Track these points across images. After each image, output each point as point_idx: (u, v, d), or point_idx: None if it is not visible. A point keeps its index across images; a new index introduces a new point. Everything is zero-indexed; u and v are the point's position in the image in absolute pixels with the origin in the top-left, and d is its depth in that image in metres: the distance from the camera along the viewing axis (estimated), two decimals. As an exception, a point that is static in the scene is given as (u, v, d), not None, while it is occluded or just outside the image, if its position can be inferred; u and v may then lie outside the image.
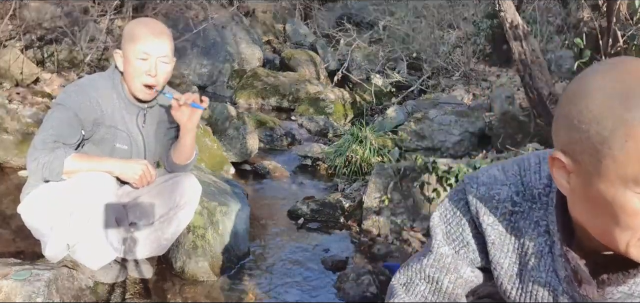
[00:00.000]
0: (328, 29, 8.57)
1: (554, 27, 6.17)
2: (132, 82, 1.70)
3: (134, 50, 1.66)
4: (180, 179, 1.89)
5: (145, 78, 1.68)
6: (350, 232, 2.68)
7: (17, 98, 3.71)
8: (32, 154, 1.64)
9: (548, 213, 0.84)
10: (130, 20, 1.76)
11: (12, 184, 2.76)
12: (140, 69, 1.67)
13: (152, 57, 1.67)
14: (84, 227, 1.65)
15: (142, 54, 1.65)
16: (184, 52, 5.97)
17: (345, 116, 5.18)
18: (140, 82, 1.69)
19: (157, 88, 1.72)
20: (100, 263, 1.77)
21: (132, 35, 1.67)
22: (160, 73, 1.70)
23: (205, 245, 2.08)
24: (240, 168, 3.58)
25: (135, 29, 1.68)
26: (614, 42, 2.58)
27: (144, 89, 1.70)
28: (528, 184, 0.87)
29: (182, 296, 1.94)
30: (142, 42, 1.65)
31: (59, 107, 1.67)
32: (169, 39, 1.72)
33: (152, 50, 1.66)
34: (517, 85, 4.94)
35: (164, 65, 1.71)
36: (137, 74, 1.68)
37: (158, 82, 1.71)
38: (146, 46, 1.65)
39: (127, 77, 1.71)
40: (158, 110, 1.86)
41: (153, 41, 1.66)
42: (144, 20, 1.75)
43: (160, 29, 1.70)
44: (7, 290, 1.58)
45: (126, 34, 1.70)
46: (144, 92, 1.71)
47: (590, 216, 0.74)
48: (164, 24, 1.78)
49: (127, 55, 1.68)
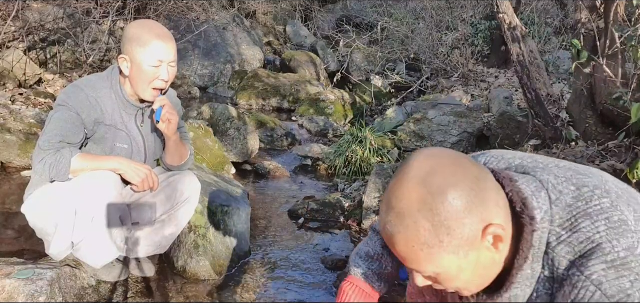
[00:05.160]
0: (328, 31, 8.61)
1: (552, 28, 6.19)
2: (142, 86, 1.71)
3: (146, 57, 1.66)
4: (180, 177, 1.92)
5: (158, 83, 1.71)
6: (350, 232, 2.70)
7: (20, 99, 3.73)
8: (38, 155, 1.66)
9: None
10: (131, 23, 1.76)
11: (15, 184, 2.78)
12: (153, 74, 1.69)
13: (164, 63, 1.69)
14: (88, 225, 1.67)
15: (155, 61, 1.67)
16: (185, 53, 6.00)
17: (345, 116, 5.20)
18: (152, 87, 1.71)
19: (165, 90, 1.77)
20: (103, 262, 1.79)
21: (140, 40, 1.67)
22: (170, 77, 1.74)
23: (206, 244, 2.10)
24: (241, 168, 3.60)
25: (142, 34, 1.68)
26: (611, 43, 2.59)
27: (154, 92, 1.73)
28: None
29: (184, 295, 1.96)
30: (154, 48, 1.66)
31: (61, 107, 1.69)
32: (175, 43, 1.75)
33: (164, 56, 1.68)
34: (515, 86, 4.96)
35: (172, 69, 1.74)
36: (149, 78, 1.69)
37: (167, 85, 1.75)
38: (159, 53, 1.67)
39: (134, 81, 1.72)
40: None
41: (164, 47, 1.68)
42: (148, 23, 1.75)
43: (167, 34, 1.72)
44: (10, 289, 1.59)
45: (132, 38, 1.68)
46: (154, 94, 1.74)
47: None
48: (165, 26, 1.80)
49: (136, 61, 1.68)
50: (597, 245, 0.82)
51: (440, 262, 0.84)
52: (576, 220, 0.84)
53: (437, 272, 0.86)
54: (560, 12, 6.26)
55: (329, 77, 6.42)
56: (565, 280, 0.84)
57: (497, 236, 0.85)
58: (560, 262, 0.85)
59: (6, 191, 2.69)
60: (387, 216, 0.86)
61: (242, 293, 2.02)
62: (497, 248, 0.86)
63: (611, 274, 0.80)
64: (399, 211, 0.83)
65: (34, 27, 4.55)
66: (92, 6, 4.97)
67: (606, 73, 2.42)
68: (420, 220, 0.82)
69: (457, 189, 0.82)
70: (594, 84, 3.03)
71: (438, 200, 0.81)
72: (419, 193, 0.82)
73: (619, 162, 2.53)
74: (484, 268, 0.87)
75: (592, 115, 3.08)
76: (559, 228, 0.85)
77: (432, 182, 0.82)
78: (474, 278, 0.88)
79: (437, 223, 0.81)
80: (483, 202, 0.83)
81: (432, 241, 0.82)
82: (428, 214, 0.81)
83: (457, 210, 0.81)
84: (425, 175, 0.83)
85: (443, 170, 0.84)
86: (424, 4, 7.41)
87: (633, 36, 2.31)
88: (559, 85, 4.61)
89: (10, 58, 4.08)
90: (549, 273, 0.87)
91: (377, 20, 7.59)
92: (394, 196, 0.85)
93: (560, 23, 6.15)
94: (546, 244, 0.86)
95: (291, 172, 3.68)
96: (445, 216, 0.81)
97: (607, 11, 2.68)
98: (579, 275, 0.82)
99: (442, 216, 0.81)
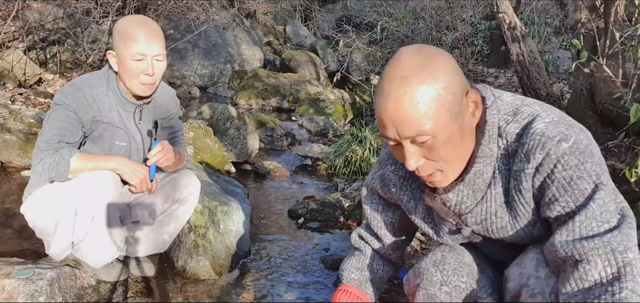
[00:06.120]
0: (328, 31, 8.61)
1: (552, 28, 6.19)
2: (130, 82, 1.72)
3: (129, 52, 1.67)
4: (179, 176, 1.92)
5: (143, 77, 1.71)
6: (350, 232, 2.70)
7: (20, 99, 3.73)
8: (37, 156, 1.66)
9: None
10: (119, 20, 1.76)
11: (14, 184, 2.78)
12: (137, 69, 1.69)
13: (148, 57, 1.69)
14: (88, 224, 1.67)
15: (137, 55, 1.67)
16: (186, 53, 6.00)
17: (345, 116, 5.20)
18: (138, 81, 1.71)
19: (155, 84, 1.76)
20: (104, 262, 1.79)
21: (124, 36, 1.67)
22: (157, 72, 1.73)
23: (206, 244, 2.10)
24: (241, 168, 3.60)
25: (127, 29, 1.68)
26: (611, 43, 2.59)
27: (143, 87, 1.73)
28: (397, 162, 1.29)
29: (184, 295, 1.96)
30: (136, 43, 1.66)
31: (59, 107, 1.69)
32: (161, 38, 1.73)
33: (147, 50, 1.67)
34: (515, 86, 4.96)
35: (159, 63, 1.73)
36: (134, 74, 1.70)
37: (155, 80, 1.74)
38: (141, 47, 1.66)
39: (123, 77, 1.73)
40: (153, 106, 1.88)
41: (147, 42, 1.67)
42: (134, 19, 1.73)
43: (152, 29, 1.70)
44: (10, 289, 1.59)
45: (118, 34, 1.69)
46: (143, 89, 1.74)
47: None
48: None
49: (121, 57, 1.69)
50: (537, 115, 1.04)
51: (439, 118, 0.97)
52: (517, 108, 1.07)
53: (435, 133, 0.98)
54: (560, 12, 6.27)
55: (329, 77, 6.43)
56: (518, 146, 1.04)
57: (475, 102, 1.04)
58: (511, 137, 1.05)
59: (6, 191, 2.69)
60: (390, 86, 0.98)
61: (242, 293, 2.02)
62: (474, 115, 1.04)
63: (551, 126, 1.01)
64: (404, 75, 0.97)
65: (34, 27, 4.55)
66: (92, 6, 4.97)
67: (606, 73, 2.42)
68: (424, 77, 0.97)
69: (444, 56, 1.01)
70: (594, 84, 3.03)
71: (434, 60, 0.99)
72: (418, 58, 0.99)
73: (619, 162, 2.53)
74: (466, 134, 1.03)
75: (592, 115, 3.09)
76: (505, 115, 1.07)
77: (426, 51, 1.01)
78: (459, 146, 1.03)
79: (437, 77, 0.97)
80: (461, 73, 1.03)
81: (433, 94, 0.96)
82: (429, 71, 0.97)
83: (449, 69, 0.99)
84: (418, 49, 1.01)
85: (428, 47, 1.03)
86: (424, 4, 7.41)
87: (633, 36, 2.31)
88: (559, 85, 4.61)
89: (10, 58, 4.08)
90: (504, 151, 1.06)
91: (377, 20, 7.59)
92: (396, 68, 0.99)
93: (560, 23, 6.16)
94: (498, 128, 1.06)
95: (291, 172, 3.68)
96: (443, 72, 0.98)
97: (607, 11, 2.68)
98: (526, 135, 1.02)
99: (439, 73, 0.97)
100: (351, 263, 1.45)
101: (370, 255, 1.45)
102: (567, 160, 0.98)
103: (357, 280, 1.42)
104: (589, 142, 1.01)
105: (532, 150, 1.00)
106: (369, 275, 1.43)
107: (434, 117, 0.97)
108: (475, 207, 1.13)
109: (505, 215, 1.10)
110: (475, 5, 6.88)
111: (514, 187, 1.05)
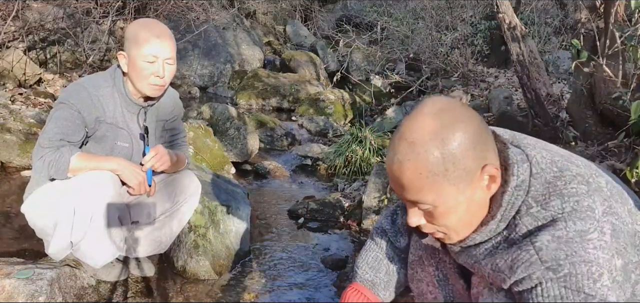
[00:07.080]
0: (328, 31, 8.61)
1: (552, 28, 6.19)
2: (140, 83, 1.73)
3: (141, 54, 1.69)
4: (180, 177, 1.93)
5: (154, 79, 1.72)
6: (350, 232, 2.70)
7: (20, 99, 3.73)
8: (38, 153, 1.67)
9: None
10: (132, 22, 1.78)
11: (15, 184, 2.78)
12: (148, 71, 1.71)
13: (160, 59, 1.71)
14: (88, 224, 1.67)
15: (149, 57, 1.69)
16: (186, 53, 6.00)
17: (345, 116, 5.20)
18: (149, 83, 1.73)
19: (164, 86, 1.78)
20: (103, 262, 1.79)
21: (137, 38, 1.69)
22: (167, 74, 1.75)
23: (206, 244, 2.10)
24: (241, 168, 3.60)
25: (140, 31, 1.70)
26: (611, 43, 2.59)
27: (153, 88, 1.74)
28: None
29: (184, 295, 1.96)
30: (149, 45, 1.68)
31: (63, 105, 1.70)
32: (173, 42, 1.76)
33: (159, 52, 1.70)
34: (515, 86, 4.96)
35: (170, 67, 1.75)
36: (145, 75, 1.71)
37: (165, 82, 1.76)
38: (153, 49, 1.69)
39: (132, 78, 1.74)
40: (157, 107, 1.89)
41: (160, 44, 1.70)
42: (148, 22, 1.77)
43: (165, 32, 1.74)
44: (10, 288, 1.59)
45: (130, 36, 1.72)
46: (152, 90, 1.75)
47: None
48: (166, 26, 1.81)
49: (132, 58, 1.71)
50: (554, 221, 0.91)
51: (442, 192, 0.92)
52: (550, 197, 0.93)
53: (436, 204, 0.94)
54: (560, 12, 6.27)
55: (329, 77, 6.42)
56: (516, 243, 0.94)
57: (492, 176, 0.94)
58: (520, 230, 0.94)
59: (6, 191, 2.69)
60: (398, 147, 0.94)
61: (242, 293, 2.02)
62: (490, 189, 0.96)
63: (552, 245, 0.89)
64: (412, 141, 0.92)
65: (34, 27, 4.55)
66: (92, 6, 4.97)
67: (606, 73, 2.42)
68: (431, 148, 0.90)
69: (466, 125, 0.92)
70: (594, 84, 3.03)
71: (449, 132, 0.91)
72: (432, 125, 0.91)
73: (619, 161, 2.53)
74: (475, 207, 0.96)
75: (592, 115, 3.09)
76: (532, 201, 0.95)
77: (445, 117, 0.92)
78: (464, 217, 0.96)
79: (446, 152, 0.90)
80: (485, 143, 0.94)
81: (438, 169, 0.91)
82: (439, 143, 0.90)
83: (465, 143, 0.91)
84: (438, 111, 0.93)
85: (454, 110, 0.94)
86: (424, 4, 7.41)
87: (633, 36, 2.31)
88: (559, 85, 4.62)
89: (10, 58, 4.08)
90: (507, 233, 0.97)
91: (377, 20, 7.59)
92: (408, 128, 0.93)
93: (560, 23, 6.16)
94: (517, 210, 0.95)
95: (291, 172, 3.68)
96: (454, 147, 0.90)
97: (607, 11, 2.68)
98: (527, 242, 0.92)
99: (451, 146, 0.90)
100: (367, 261, 1.36)
101: (388, 253, 1.36)
102: (548, 288, 0.89)
103: (370, 281, 1.34)
104: (588, 277, 0.87)
105: (518, 262, 0.92)
106: (384, 278, 1.34)
107: (437, 191, 0.92)
108: (462, 251, 1.07)
109: (486, 267, 1.01)
110: (475, 5, 6.89)
111: (500, 265, 0.97)
